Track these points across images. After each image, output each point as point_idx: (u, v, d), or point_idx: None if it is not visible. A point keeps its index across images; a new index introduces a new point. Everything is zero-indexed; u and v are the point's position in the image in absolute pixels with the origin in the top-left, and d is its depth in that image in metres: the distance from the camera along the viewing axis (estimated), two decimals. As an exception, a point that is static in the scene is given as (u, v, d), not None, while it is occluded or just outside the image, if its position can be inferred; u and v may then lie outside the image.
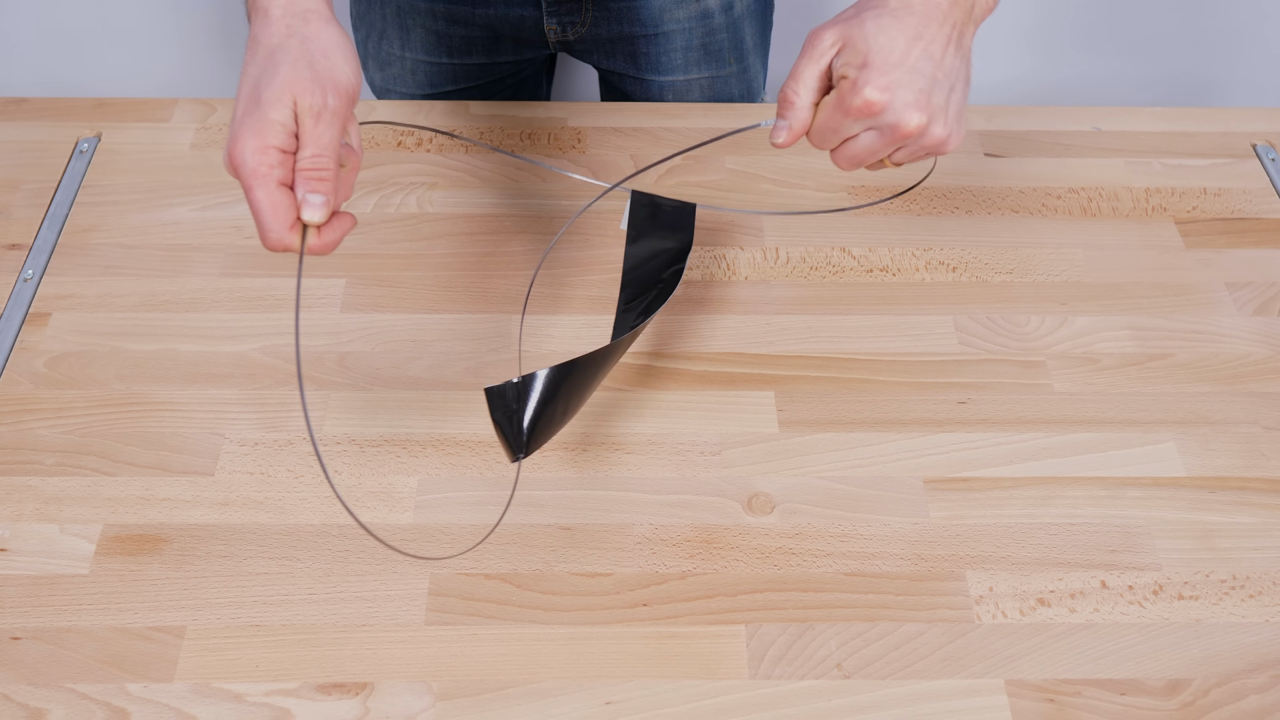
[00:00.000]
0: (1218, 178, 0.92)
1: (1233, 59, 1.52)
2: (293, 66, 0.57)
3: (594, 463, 0.72)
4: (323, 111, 0.57)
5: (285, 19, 0.59)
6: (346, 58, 0.59)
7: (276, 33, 0.59)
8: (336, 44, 0.59)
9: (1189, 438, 0.74)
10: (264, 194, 0.57)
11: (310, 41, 0.59)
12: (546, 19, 0.95)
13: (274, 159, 0.57)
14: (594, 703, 0.62)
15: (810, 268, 0.84)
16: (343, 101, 0.58)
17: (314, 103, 0.57)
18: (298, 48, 0.58)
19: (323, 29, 0.59)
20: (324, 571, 0.66)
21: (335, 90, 0.57)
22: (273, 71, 0.58)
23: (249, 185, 0.57)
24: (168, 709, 0.61)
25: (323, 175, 0.58)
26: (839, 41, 0.61)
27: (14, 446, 0.72)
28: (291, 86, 0.57)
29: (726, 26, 0.98)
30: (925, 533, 0.69)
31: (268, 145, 0.57)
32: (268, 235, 0.58)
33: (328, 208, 0.58)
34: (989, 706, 0.62)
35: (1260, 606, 0.66)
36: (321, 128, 0.58)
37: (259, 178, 0.57)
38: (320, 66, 0.58)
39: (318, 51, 0.58)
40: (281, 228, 0.57)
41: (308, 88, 0.57)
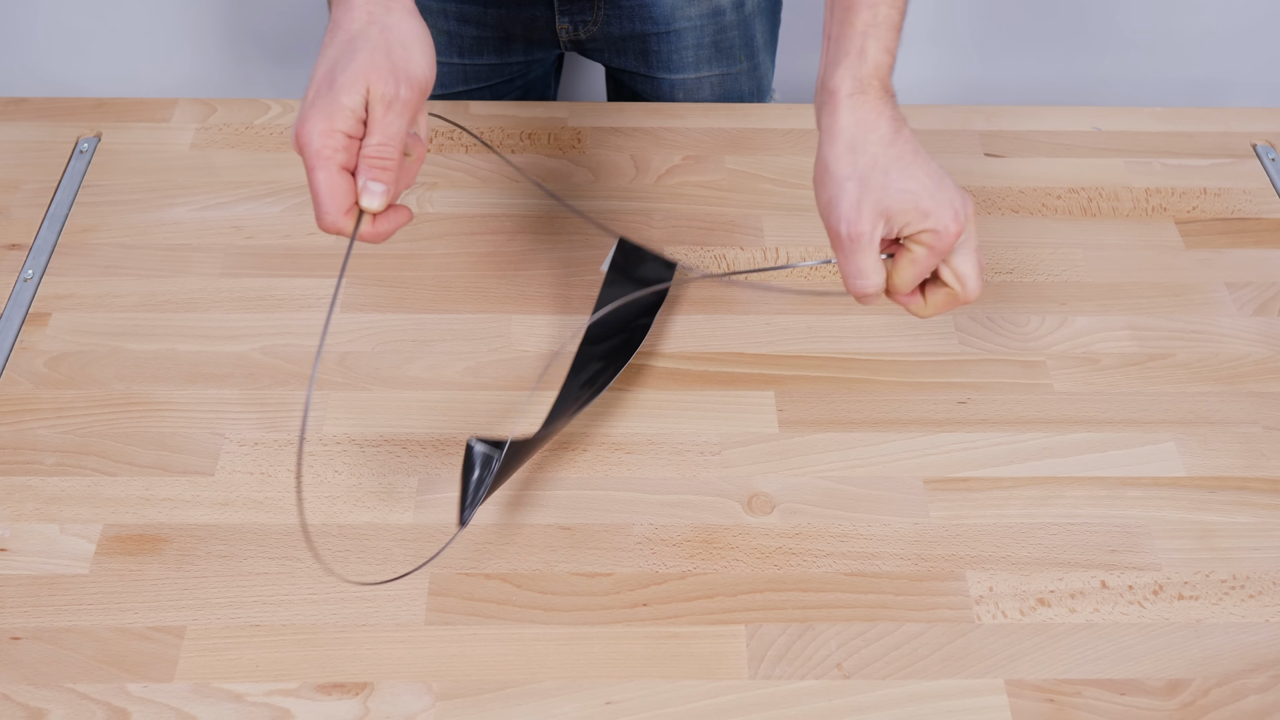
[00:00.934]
0: (1218, 178, 0.92)
1: (1233, 59, 1.52)
2: (370, 54, 0.58)
3: (594, 463, 0.72)
4: (394, 101, 0.58)
5: (367, 5, 0.60)
6: (424, 50, 0.59)
7: (358, 19, 0.59)
8: (416, 36, 0.59)
9: (1189, 438, 0.74)
10: (324, 175, 0.57)
11: (390, 31, 0.59)
12: (558, 18, 0.95)
13: (339, 143, 0.57)
14: (594, 703, 0.62)
15: (810, 267, 0.84)
16: (415, 93, 0.58)
17: (386, 92, 0.57)
18: (377, 35, 0.59)
19: (403, 19, 0.60)
20: (324, 571, 0.66)
21: (409, 82, 0.58)
22: (350, 57, 0.58)
23: (311, 165, 0.58)
24: (168, 709, 0.61)
25: (386, 165, 0.58)
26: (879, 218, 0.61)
27: (14, 446, 0.72)
28: (367, 74, 0.57)
29: (738, 24, 0.98)
30: (925, 533, 0.69)
31: (334, 129, 0.57)
32: (323, 217, 0.58)
33: (387, 197, 0.59)
34: (989, 706, 0.62)
35: (1260, 606, 0.66)
36: (391, 117, 0.58)
37: (322, 159, 0.57)
38: (397, 56, 0.58)
39: (396, 41, 0.59)
40: (337, 211, 0.58)
41: (382, 76, 0.57)
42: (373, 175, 0.58)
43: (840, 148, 0.62)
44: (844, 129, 0.62)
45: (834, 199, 0.62)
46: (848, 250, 0.62)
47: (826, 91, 0.64)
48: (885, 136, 0.62)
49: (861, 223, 0.61)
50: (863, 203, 0.61)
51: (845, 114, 0.62)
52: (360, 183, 0.58)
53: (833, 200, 0.62)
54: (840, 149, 0.62)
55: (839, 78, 0.63)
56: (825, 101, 0.64)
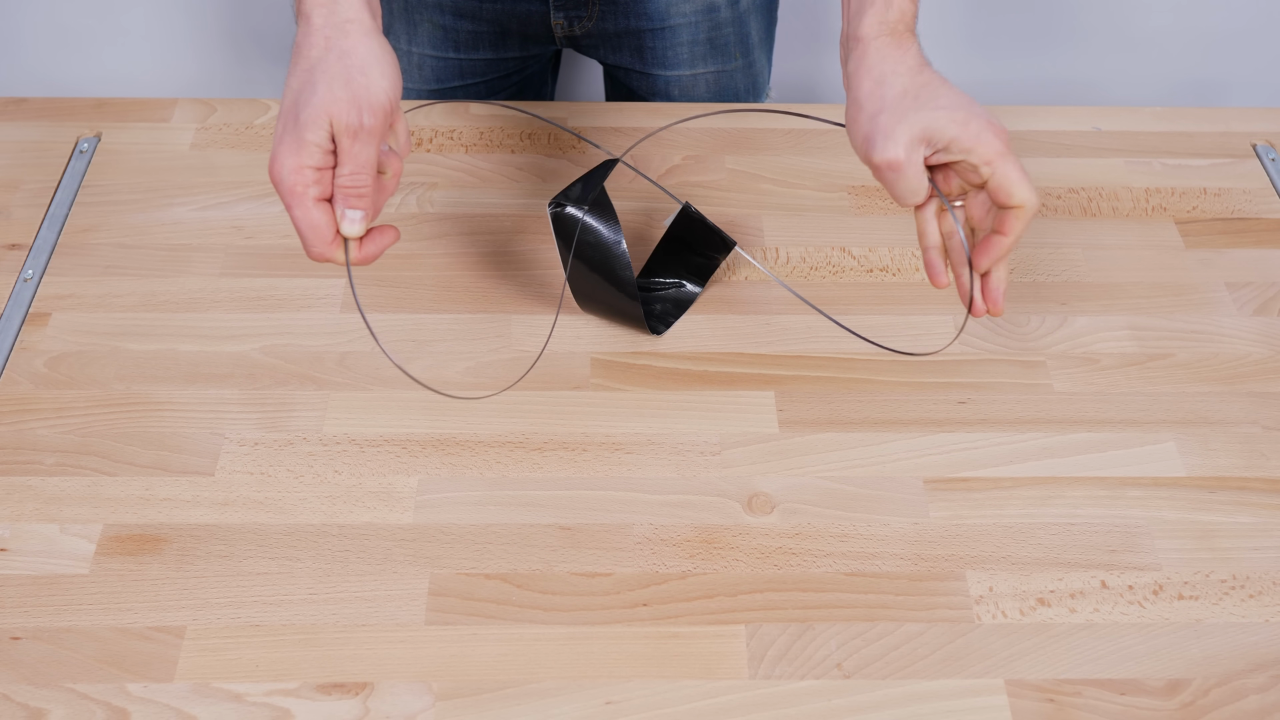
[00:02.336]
0: (1218, 178, 0.92)
1: (1233, 59, 1.52)
2: (329, 86, 0.58)
3: (594, 463, 0.72)
4: (359, 130, 0.58)
5: (325, 29, 0.60)
6: (384, 71, 0.60)
7: (316, 45, 0.60)
8: (375, 58, 0.60)
9: (1189, 438, 0.74)
10: (301, 212, 0.59)
11: (348, 57, 0.59)
12: (553, 14, 0.95)
13: (310, 178, 0.59)
14: (594, 703, 0.62)
15: (810, 268, 0.84)
16: (379, 118, 0.59)
17: (351, 123, 0.58)
18: (335, 64, 0.59)
19: (360, 41, 0.60)
20: (324, 571, 0.66)
21: (371, 109, 0.58)
22: (310, 90, 0.58)
23: (287, 203, 0.59)
24: (168, 709, 0.61)
25: (360, 192, 0.59)
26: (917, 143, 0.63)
27: (14, 446, 0.72)
28: (328, 108, 0.58)
29: (733, 21, 0.98)
30: (925, 533, 0.69)
31: (303, 165, 0.58)
32: (309, 250, 0.60)
33: (365, 222, 0.60)
34: (989, 706, 0.62)
35: (1260, 606, 0.66)
36: (358, 146, 0.59)
37: (295, 196, 0.59)
38: (357, 84, 0.58)
39: (355, 68, 0.59)
40: (321, 242, 0.60)
41: (343, 109, 0.58)
42: (349, 204, 0.59)
43: (869, 85, 0.63)
44: (871, 68, 0.63)
45: (869, 135, 0.63)
46: (891, 180, 0.63)
47: (854, 40, 0.65)
48: (912, 68, 0.63)
49: (899, 149, 0.62)
50: (897, 131, 0.62)
51: (873, 55, 0.64)
52: (338, 211, 0.60)
53: (869, 137, 0.63)
54: (869, 86, 0.63)
55: (866, 25, 0.64)
56: (852, 49, 0.65)
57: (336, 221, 0.60)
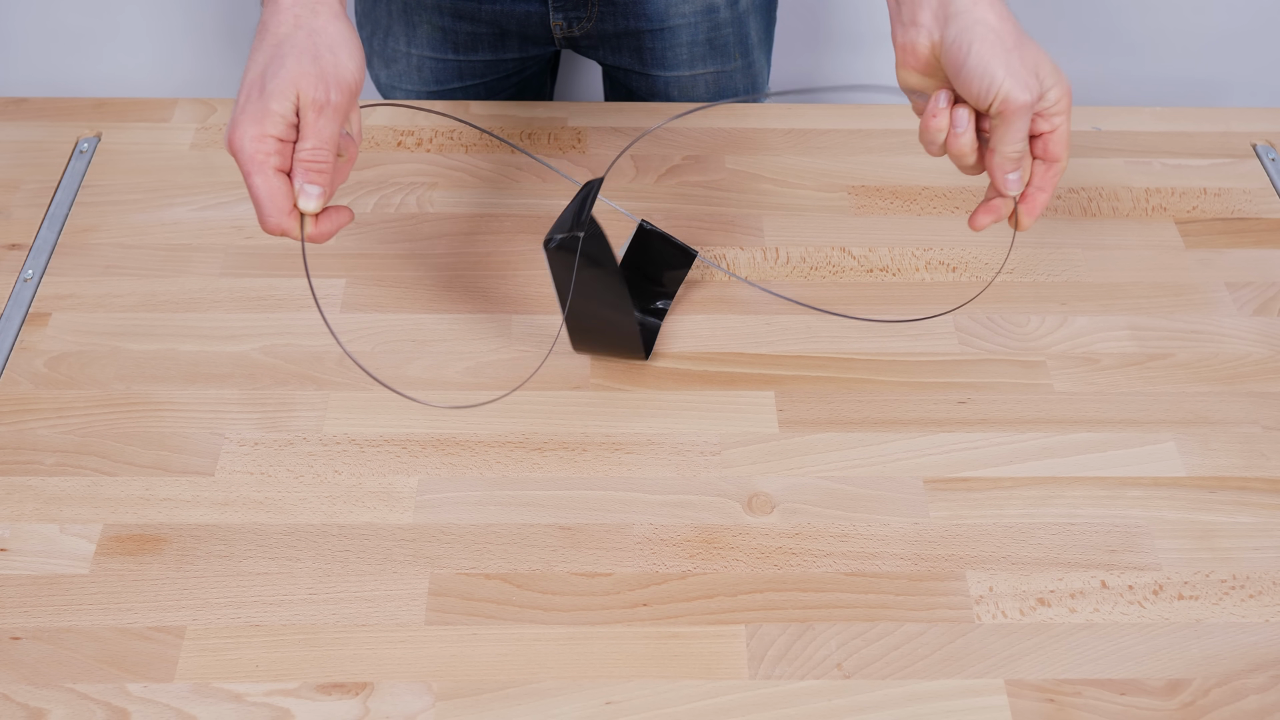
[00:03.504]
0: (1218, 178, 0.92)
1: (1233, 59, 1.52)
2: (298, 60, 0.59)
3: (594, 463, 0.72)
4: (325, 106, 0.59)
5: (294, 8, 0.60)
6: (351, 53, 0.60)
7: (285, 22, 0.60)
8: (343, 38, 0.60)
9: (1189, 438, 0.74)
10: (261, 180, 0.59)
11: (317, 35, 0.59)
12: (552, 15, 0.95)
13: (271, 147, 0.59)
14: (594, 703, 0.62)
15: (810, 268, 0.84)
16: (344, 97, 0.59)
17: (317, 97, 0.58)
18: (305, 40, 0.59)
19: (330, 22, 0.60)
20: (324, 571, 0.66)
21: (338, 86, 0.59)
22: (279, 63, 0.59)
23: (246, 171, 0.59)
24: (168, 709, 0.61)
25: (321, 167, 0.60)
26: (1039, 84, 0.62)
27: (14, 446, 0.72)
28: (296, 80, 0.58)
29: (732, 21, 0.98)
30: (925, 533, 0.69)
31: (265, 134, 0.58)
32: (266, 220, 0.60)
33: (323, 199, 0.60)
34: (989, 706, 0.62)
35: (1260, 606, 0.66)
36: (323, 122, 0.59)
37: (256, 164, 0.59)
38: (326, 61, 0.59)
39: (324, 45, 0.59)
40: (279, 212, 0.60)
41: (312, 82, 0.58)
42: (308, 178, 0.60)
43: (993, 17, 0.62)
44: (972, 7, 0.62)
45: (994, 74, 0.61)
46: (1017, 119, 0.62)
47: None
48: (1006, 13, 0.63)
49: (1035, 88, 0.61)
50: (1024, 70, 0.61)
51: None
52: (297, 185, 0.60)
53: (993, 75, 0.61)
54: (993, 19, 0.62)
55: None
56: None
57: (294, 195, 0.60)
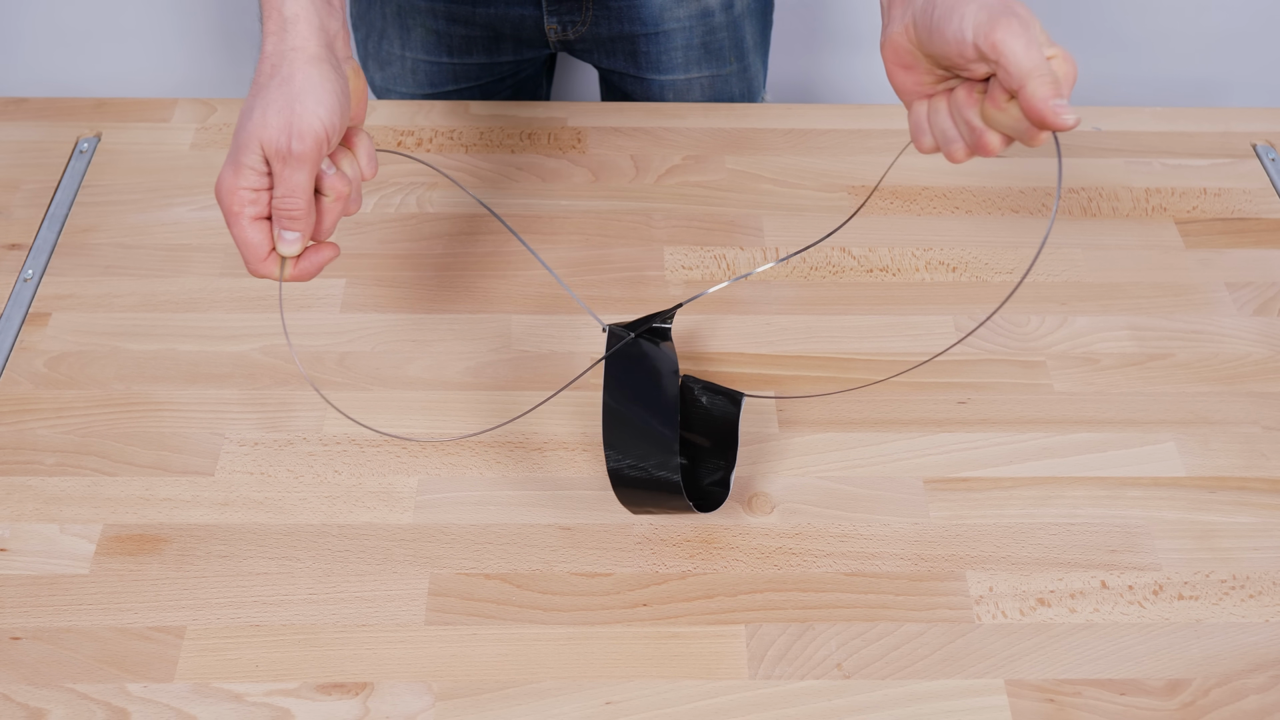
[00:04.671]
0: (1218, 178, 0.92)
1: (1233, 59, 1.52)
2: (263, 112, 0.60)
3: (594, 463, 0.72)
4: (288, 156, 0.60)
5: (273, 57, 0.62)
6: (320, 99, 0.61)
7: (264, 71, 0.62)
8: (313, 85, 0.61)
9: (1189, 438, 0.74)
10: (237, 231, 0.62)
11: (287, 84, 0.61)
12: (547, 18, 0.95)
13: (245, 199, 0.61)
14: (594, 703, 0.62)
15: (810, 268, 0.84)
16: (308, 145, 0.60)
17: (279, 148, 0.60)
18: (276, 90, 0.61)
19: (300, 69, 0.61)
20: (324, 571, 0.66)
21: (300, 135, 0.60)
22: (248, 115, 0.61)
23: (226, 221, 0.62)
24: (168, 709, 0.61)
25: (293, 214, 0.61)
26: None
27: (14, 446, 0.72)
28: (258, 133, 0.60)
29: (727, 25, 0.98)
30: (925, 533, 0.69)
31: (238, 187, 0.61)
32: (247, 266, 0.63)
33: (300, 243, 0.62)
34: (989, 706, 0.62)
35: (1260, 606, 0.66)
36: (289, 171, 0.60)
37: (232, 215, 0.61)
38: (291, 112, 0.60)
39: (293, 95, 0.60)
40: (256, 260, 0.62)
41: (273, 134, 0.60)
42: (282, 225, 0.62)
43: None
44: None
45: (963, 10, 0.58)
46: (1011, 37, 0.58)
47: None
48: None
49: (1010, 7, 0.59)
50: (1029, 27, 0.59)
51: None
52: (275, 232, 0.62)
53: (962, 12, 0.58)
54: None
55: None
56: None
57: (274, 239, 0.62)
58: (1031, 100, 0.58)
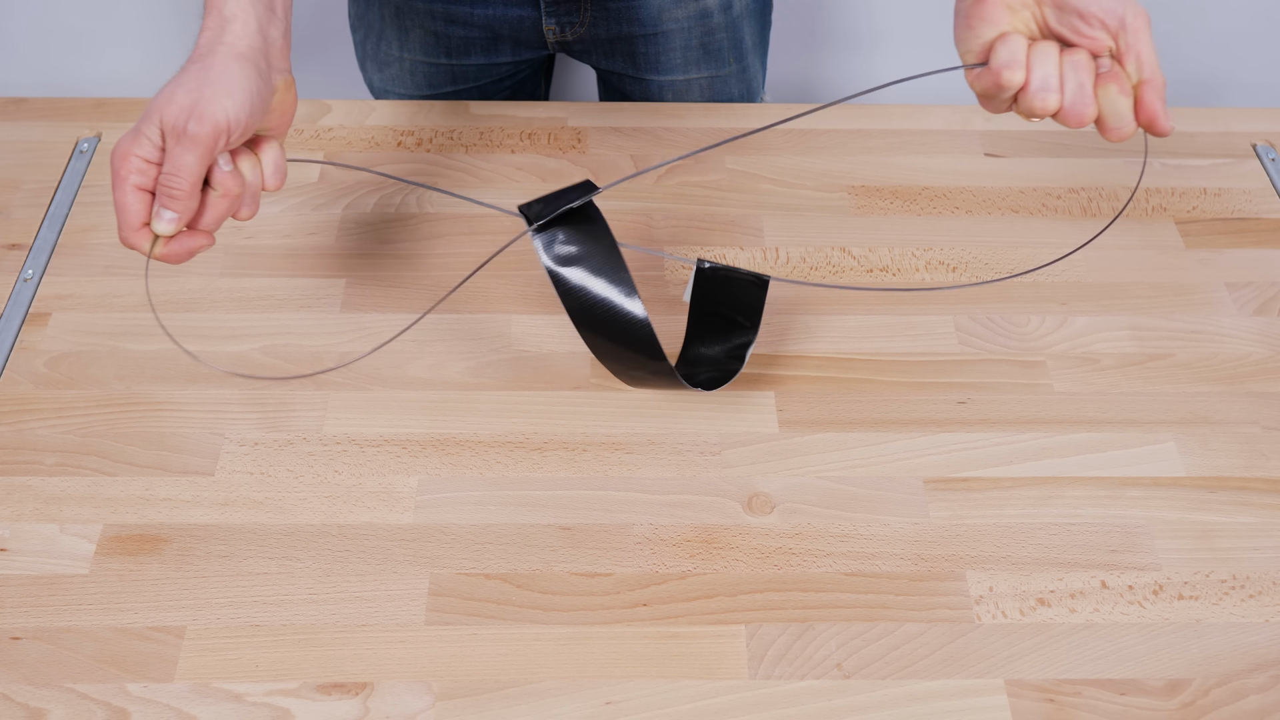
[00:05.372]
0: (1218, 178, 0.92)
1: (1233, 59, 1.52)
2: (171, 90, 0.62)
3: (594, 463, 0.72)
4: (182, 135, 0.61)
5: (202, 49, 0.64)
6: (231, 92, 0.62)
7: (194, 55, 0.63)
8: (228, 78, 0.62)
9: (1189, 438, 0.74)
10: (119, 194, 0.62)
11: (206, 72, 0.62)
12: (545, 19, 0.95)
13: (134, 165, 0.62)
14: (594, 703, 0.62)
15: (810, 268, 0.84)
16: (205, 129, 0.61)
17: (175, 125, 0.61)
18: (193, 73, 0.62)
19: (221, 60, 0.63)
20: (324, 571, 0.66)
21: (199, 118, 0.61)
22: (162, 90, 0.62)
23: (112, 182, 0.62)
24: (168, 709, 0.61)
25: (174, 194, 0.62)
26: None
27: (14, 446, 0.72)
28: (162, 107, 0.61)
29: (725, 26, 0.98)
30: (925, 533, 0.69)
31: (131, 153, 0.62)
32: (119, 232, 0.63)
33: (176, 224, 0.63)
34: (989, 706, 0.62)
35: (1260, 606, 0.66)
36: (179, 150, 0.61)
37: (118, 178, 0.62)
38: (198, 96, 0.61)
39: (206, 81, 0.62)
40: (129, 228, 0.63)
41: (174, 111, 0.61)
42: (162, 202, 0.62)
43: None
44: None
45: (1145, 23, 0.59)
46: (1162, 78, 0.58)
47: None
48: None
49: None
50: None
51: None
52: (155, 208, 0.63)
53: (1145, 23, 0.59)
54: None
55: None
56: None
57: (150, 214, 0.63)
58: (1153, 97, 0.59)
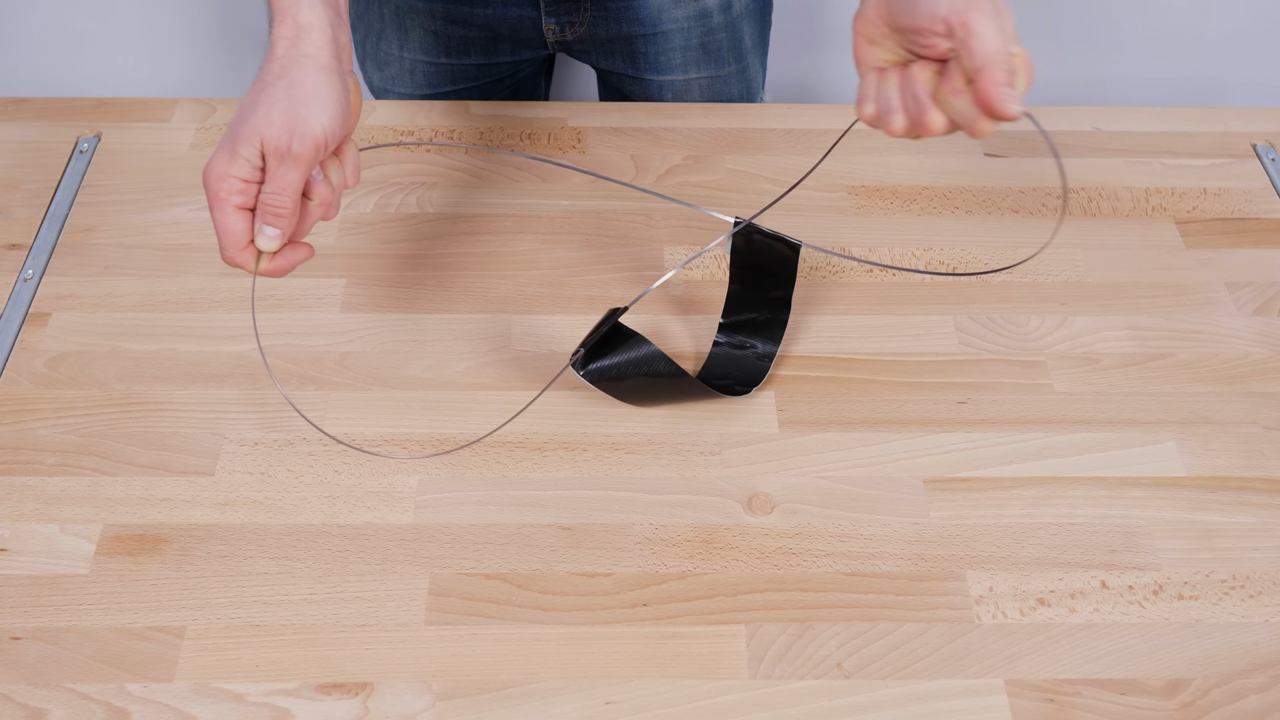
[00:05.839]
0: (1218, 178, 0.92)
1: (1233, 59, 1.52)
2: (268, 109, 0.62)
3: (594, 463, 0.72)
4: (285, 155, 0.61)
5: (283, 60, 0.63)
6: (325, 107, 0.62)
7: (272, 70, 0.63)
8: (320, 93, 0.62)
9: (1189, 438, 0.74)
10: (220, 215, 0.63)
11: (295, 87, 0.62)
12: (545, 19, 0.95)
13: (234, 186, 0.62)
14: (594, 703, 0.62)
15: (810, 268, 0.84)
16: (309, 148, 0.61)
17: (279, 146, 0.61)
18: (283, 91, 0.62)
19: (310, 75, 0.63)
20: (324, 571, 0.66)
21: (301, 138, 0.61)
22: (252, 110, 0.62)
23: (210, 205, 0.63)
24: (168, 709, 0.61)
25: (279, 211, 0.63)
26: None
27: (14, 446, 0.72)
28: (261, 128, 0.61)
29: (725, 26, 0.98)
30: (925, 533, 0.69)
31: (229, 174, 0.62)
32: (223, 252, 0.64)
33: (280, 240, 0.64)
34: (989, 706, 0.62)
35: (1260, 606, 0.66)
36: (283, 169, 0.62)
37: (218, 200, 0.62)
38: (296, 114, 0.61)
39: (299, 99, 0.62)
40: (234, 248, 0.63)
41: (276, 132, 0.61)
42: (265, 220, 0.63)
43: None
44: None
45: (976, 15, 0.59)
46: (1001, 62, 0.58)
47: None
48: None
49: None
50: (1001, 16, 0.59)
51: None
52: (257, 225, 0.63)
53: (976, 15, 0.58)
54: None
55: None
56: None
57: (253, 232, 0.64)
58: (986, 83, 0.59)
